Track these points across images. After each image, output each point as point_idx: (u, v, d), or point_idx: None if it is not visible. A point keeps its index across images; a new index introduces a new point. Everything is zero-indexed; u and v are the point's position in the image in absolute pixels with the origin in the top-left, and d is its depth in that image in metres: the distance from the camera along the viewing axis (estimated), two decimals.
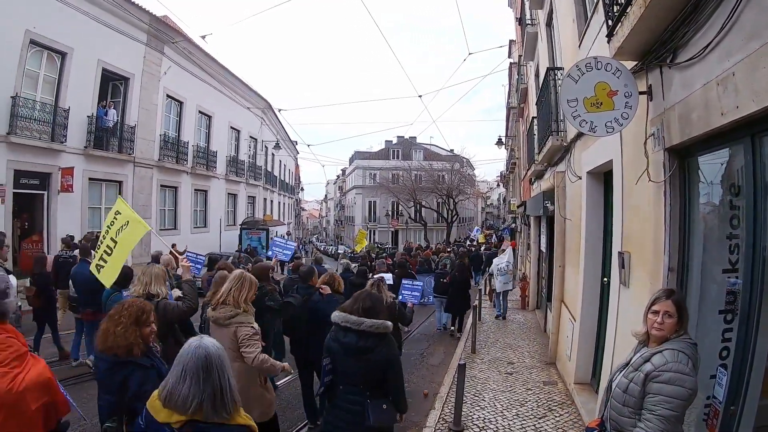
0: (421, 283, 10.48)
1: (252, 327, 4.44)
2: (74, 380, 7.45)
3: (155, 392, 2.49)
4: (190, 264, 7.29)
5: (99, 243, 6.38)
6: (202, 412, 2.33)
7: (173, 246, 13.72)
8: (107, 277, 6.26)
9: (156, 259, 9.72)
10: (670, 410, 2.68)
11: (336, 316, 4.16)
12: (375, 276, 8.97)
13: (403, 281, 9.98)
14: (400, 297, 8.95)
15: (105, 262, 6.33)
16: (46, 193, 15.72)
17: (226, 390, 2.41)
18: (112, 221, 6.34)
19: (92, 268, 6.30)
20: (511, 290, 14.26)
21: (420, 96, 25.30)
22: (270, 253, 11.61)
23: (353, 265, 12.68)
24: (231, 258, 9.44)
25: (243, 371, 4.21)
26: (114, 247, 6.24)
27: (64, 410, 3.24)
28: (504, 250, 16.42)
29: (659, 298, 2.97)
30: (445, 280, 12.55)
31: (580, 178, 7.47)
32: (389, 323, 4.14)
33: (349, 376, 4.04)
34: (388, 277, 10.33)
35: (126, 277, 6.46)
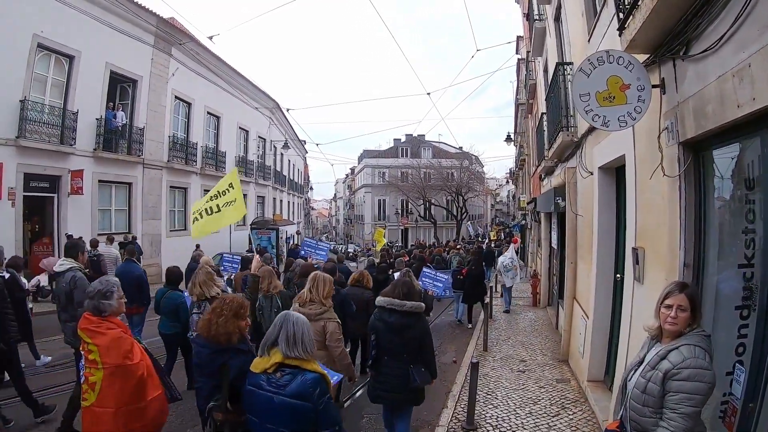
0: (446, 278, 10.94)
1: (337, 322, 5.27)
2: None
3: (257, 359, 3.20)
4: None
5: (207, 200, 7.75)
6: (281, 352, 3.06)
7: (197, 246, 14.09)
8: (197, 230, 7.72)
9: (195, 260, 10.65)
10: (693, 406, 2.65)
11: (381, 300, 5.02)
12: (395, 274, 9.40)
13: (424, 269, 10.46)
14: (420, 284, 9.37)
15: (201, 217, 7.70)
16: (55, 195, 15.80)
17: (298, 337, 3.12)
18: (225, 191, 7.66)
19: (194, 213, 7.97)
20: (518, 281, 15.12)
21: (428, 93, 25.42)
22: (302, 252, 12.04)
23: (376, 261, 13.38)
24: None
25: (321, 359, 4.62)
26: (214, 212, 7.64)
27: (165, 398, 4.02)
28: (508, 248, 16.82)
29: (672, 292, 2.92)
30: (460, 276, 13.08)
31: (592, 174, 7.41)
32: (423, 304, 5.11)
33: (393, 348, 4.89)
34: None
35: (176, 277, 7.50)
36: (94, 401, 3.65)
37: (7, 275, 6.80)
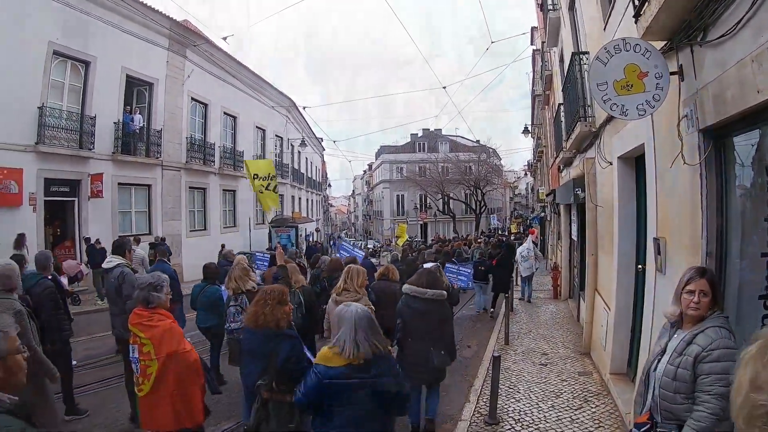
0: (469, 271, 12.25)
1: (372, 308, 5.54)
2: None
3: (324, 349, 3.39)
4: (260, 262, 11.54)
5: (267, 176, 9.85)
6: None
7: (222, 246, 14.47)
8: (265, 200, 11.28)
9: (226, 257, 11.19)
10: (725, 386, 2.63)
11: (406, 288, 5.69)
12: (424, 265, 9.77)
13: (447, 265, 10.95)
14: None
15: (267, 189, 10.57)
16: (76, 199, 16.04)
17: (376, 333, 3.40)
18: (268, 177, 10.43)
19: (256, 188, 11.19)
20: (535, 272, 15.43)
21: (444, 87, 25.25)
22: (338, 254, 12.56)
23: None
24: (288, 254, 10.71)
25: None
26: (264, 190, 10.50)
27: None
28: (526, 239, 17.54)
29: (693, 278, 2.94)
30: (483, 268, 13.62)
31: (611, 164, 7.32)
32: (444, 292, 5.73)
33: (416, 332, 5.46)
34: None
35: (213, 273, 7.83)
36: (149, 390, 4.00)
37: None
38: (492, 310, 13.23)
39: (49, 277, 6.63)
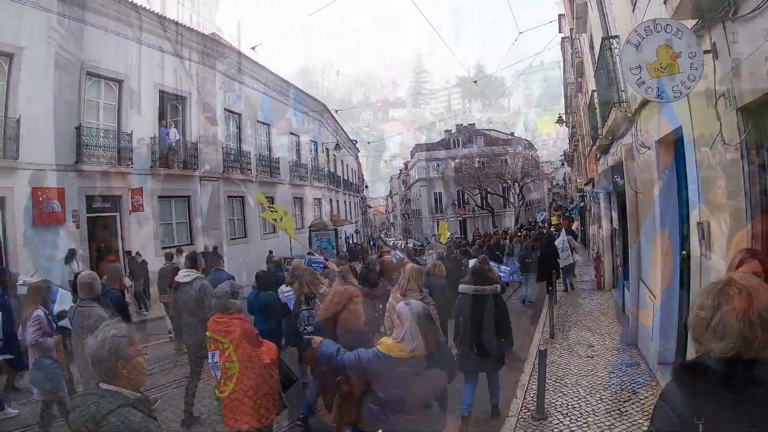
0: (508, 268, 12.67)
1: (434, 305, 5.94)
2: None
3: (387, 341, 3.59)
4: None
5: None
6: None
7: (270, 252, 14.97)
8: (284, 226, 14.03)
9: (277, 264, 12.02)
10: None
11: (465, 288, 6.26)
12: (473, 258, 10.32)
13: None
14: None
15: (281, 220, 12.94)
16: (117, 214, 16.48)
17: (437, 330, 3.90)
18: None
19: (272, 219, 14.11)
20: (573, 262, 15.69)
21: (475, 82, 25.03)
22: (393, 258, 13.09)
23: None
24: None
25: None
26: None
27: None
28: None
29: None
30: (529, 260, 14.40)
31: (649, 149, 7.15)
32: (499, 286, 6.39)
33: (478, 326, 5.99)
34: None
35: (266, 280, 8.05)
36: (231, 390, 4.34)
37: None
38: (555, 286, 13.46)
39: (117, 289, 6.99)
